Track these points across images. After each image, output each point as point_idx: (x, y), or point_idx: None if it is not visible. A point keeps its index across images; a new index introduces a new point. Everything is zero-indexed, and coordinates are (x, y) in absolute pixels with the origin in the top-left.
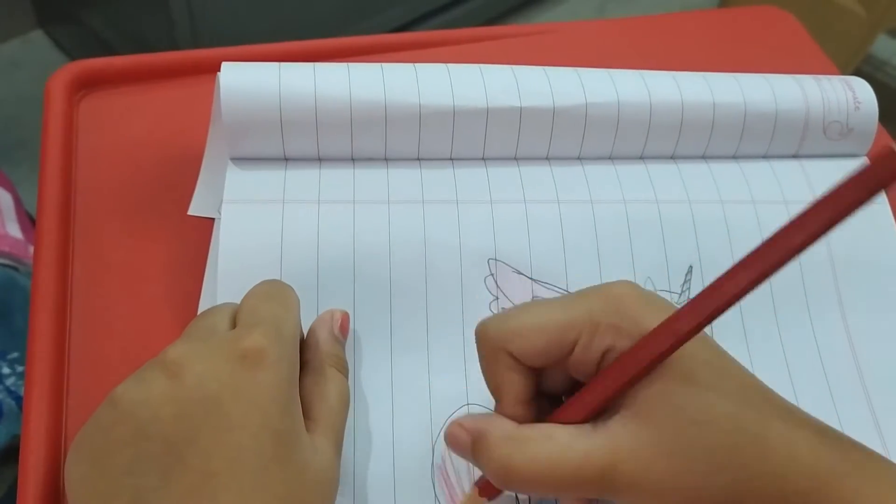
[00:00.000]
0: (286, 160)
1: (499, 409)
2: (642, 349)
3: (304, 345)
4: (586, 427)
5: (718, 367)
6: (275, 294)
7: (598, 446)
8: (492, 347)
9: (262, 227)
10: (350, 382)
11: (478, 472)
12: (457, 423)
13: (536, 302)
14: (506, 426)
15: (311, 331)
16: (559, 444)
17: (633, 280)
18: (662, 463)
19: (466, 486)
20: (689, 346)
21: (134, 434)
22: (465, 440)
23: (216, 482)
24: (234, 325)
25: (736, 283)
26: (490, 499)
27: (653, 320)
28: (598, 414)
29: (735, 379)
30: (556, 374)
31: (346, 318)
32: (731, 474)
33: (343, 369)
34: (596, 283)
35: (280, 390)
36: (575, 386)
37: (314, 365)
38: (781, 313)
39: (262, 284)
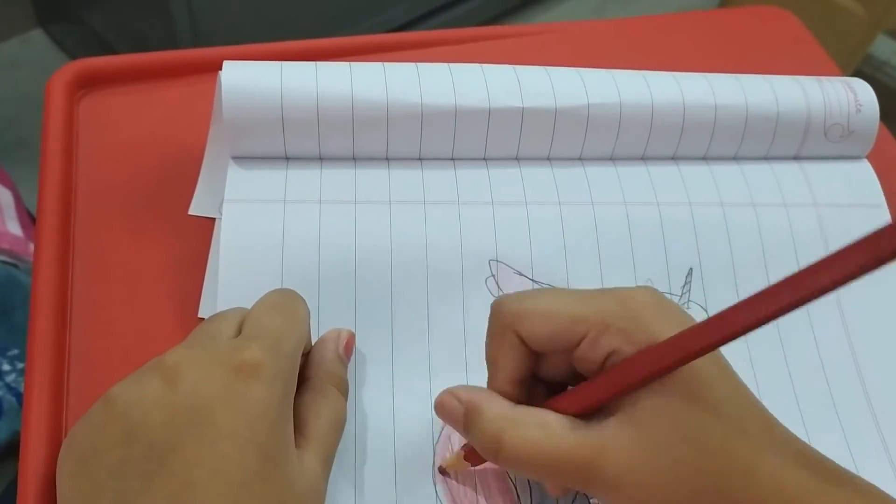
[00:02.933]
0: (287, 159)
1: (491, 383)
2: (649, 358)
3: (307, 361)
4: (579, 421)
5: (723, 390)
6: (283, 306)
7: (587, 442)
8: (502, 323)
9: (264, 226)
10: (351, 383)
11: (477, 471)
12: (450, 393)
13: (555, 290)
14: (501, 404)
15: (315, 347)
16: (550, 432)
17: (633, 281)
18: (646, 474)
19: (467, 486)
20: (698, 363)
21: (123, 436)
22: (458, 410)
23: (196, 492)
24: (239, 332)
25: (754, 312)
26: (474, 465)
27: (665, 331)
28: (593, 412)
29: (737, 403)
30: (557, 361)
31: (352, 338)
32: (712, 498)
33: (343, 390)
34: (597, 285)
35: (271, 406)
36: (572, 376)
37: (314, 382)
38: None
39: (273, 294)
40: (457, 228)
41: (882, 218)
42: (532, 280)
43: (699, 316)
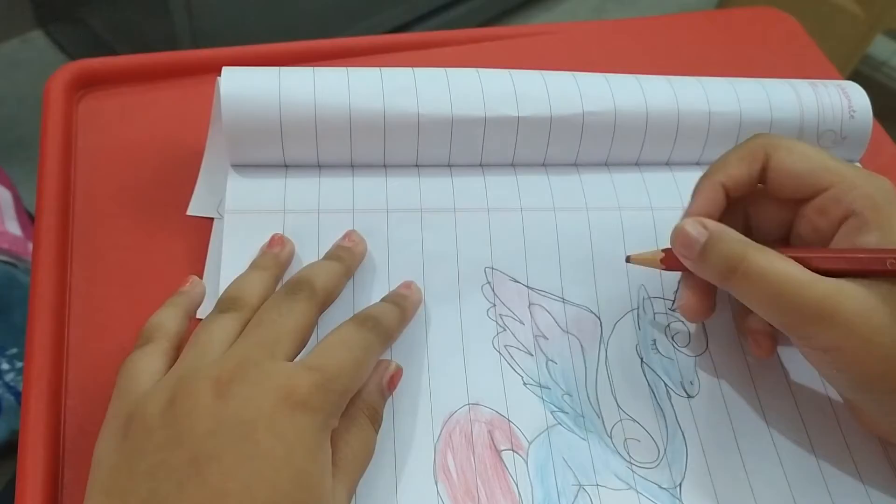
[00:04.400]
0: (286, 167)
1: (702, 181)
2: (890, 254)
3: None
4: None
5: None
6: (355, 345)
7: (828, 281)
8: (759, 144)
9: (264, 236)
10: None
11: (479, 467)
12: (695, 219)
13: (811, 144)
14: (742, 236)
15: None
16: (793, 264)
17: (626, 290)
18: (887, 319)
19: (469, 482)
20: None
21: (168, 440)
22: (701, 234)
23: (226, 502)
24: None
25: None
26: (666, 268)
27: None
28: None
29: None
30: (774, 215)
31: (398, 373)
32: None
33: (376, 422)
34: (591, 291)
35: (310, 434)
36: (779, 238)
37: (350, 410)
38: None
39: (353, 328)
40: (453, 236)
41: None
42: (527, 287)
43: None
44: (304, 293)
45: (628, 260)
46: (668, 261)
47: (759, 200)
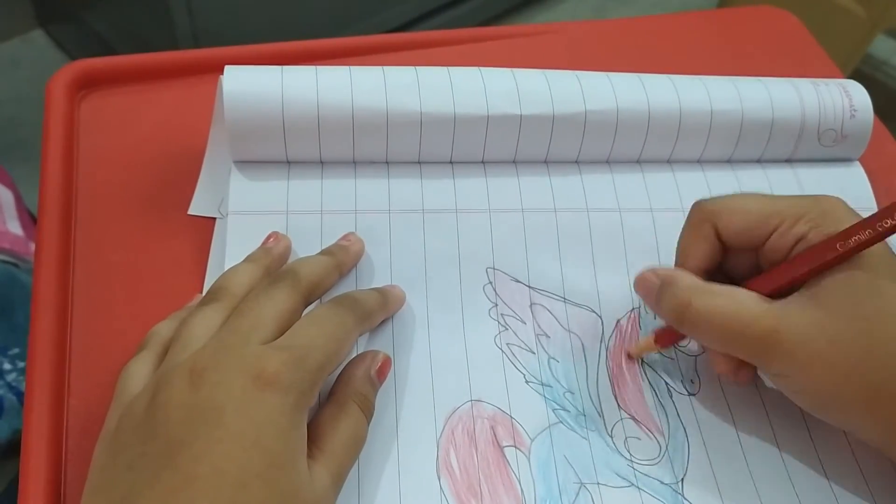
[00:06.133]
0: (289, 164)
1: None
2: (837, 239)
3: (339, 377)
4: (765, 298)
5: None
6: (324, 320)
7: (770, 312)
8: (700, 217)
9: None
10: None
11: (481, 463)
12: (650, 270)
13: (751, 192)
14: (693, 278)
15: (348, 364)
16: (738, 301)
17: (627, 289)
18: (823, 344)
19: (471, 478)
20: (875, 248)
21: (148, 434)
22: (655, 283)
23: (197, 487)
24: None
25: None
26: (663, 347)
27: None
28: (780, 294)
29: None
30: (742, 260)
31: (387, 362)
32: (889, 373)
33: (367, 410)
34: (592, 292)
35: (280, 413)
36: (754, 275)
37: (338, 398)
38: None
39: (325, 305)
40: (455, 237)
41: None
42: (529, 287)
43: None
44: (287, 281)
45: (629, 356)
46: (661, 338)
47: (727, 254)
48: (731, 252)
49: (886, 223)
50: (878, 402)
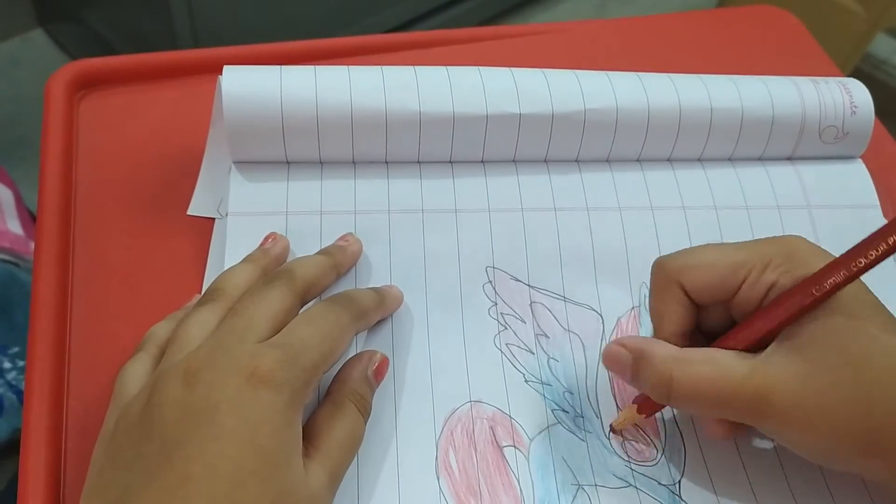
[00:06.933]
0: (288, 164)
1: (658, 337)
2: (812, 283)
3: (336, 377)
4: (745, 354)
5: (876, 306)
6: (319, 319)
7: (756, 372)
8: (666, 279)
9: None
10: None
11: (481, 463)
12: (618, 343)
13: (711, 245)
14: (668, 348)
15: (345, 364)
16: (720, 365)
17: (627, 287)
18: (813, 400)
19: (471, 478)
20: (849, 288)
21: (145, 434)
22: (626, 358)
23: (192, 486)
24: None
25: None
26: (647, 416)
27: (820, 265)
28: (759, 345)
29: (891, 316)
30: (716, 314)
31: (385, 362)
32: (883, 419)
33: (364, 410)
34: (592, 290)
35: (274, 411)
36: (730, 328)
37: (335, 397)
38: None
39: (320, 304)
40: (454, 236)
41: (876, 219)
42: (528, 286)
43: None
44: (281, 280)
45: (612, 429)
46: (644, 407)
47: (701, 309)
48: (702, 308)
49: (860, 262)
50: (878, 446)
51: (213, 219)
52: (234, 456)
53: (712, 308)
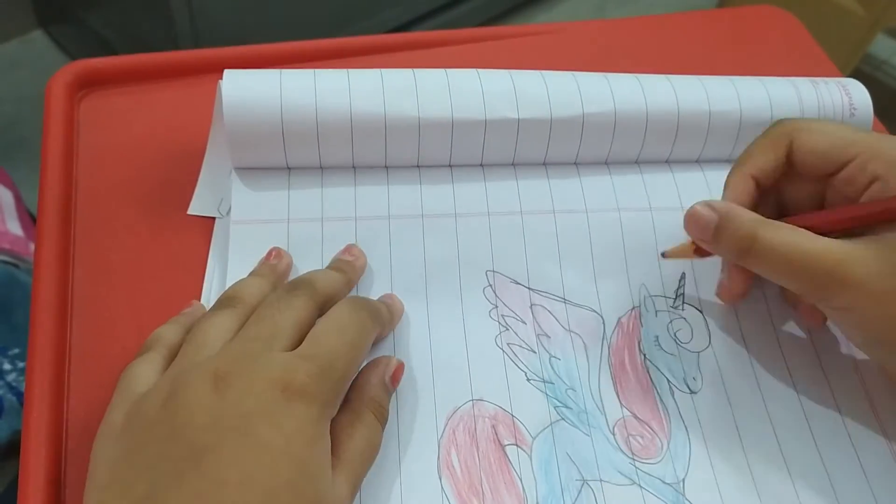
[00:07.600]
0: (289, 171)
1: (736, 170)
2: None
3: (354, 384)
4: (827, 238)
5: None
6: (348, 328)
7: (837, 246)
8: (781, 131)
9: (269, 246)
10: None
11: (483, 463)
12: (705, 203)
13: (833, 121)
14: (754, 213)
15: (362, 371)
16: (803, 235)
17: (627, 288)
18: (890, 280)
19: (473, 477)
20: None
21: (169, 434)
22: (711, 217)
23: (225, 492)
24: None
25: None
26: (700, 257)
27: None
28: (843, 235)
29: None
30: (804, 190)
31: (400, 368)
32: None
33: (381, 418)
34: (591, 292)
35: (308, 423)
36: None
37: (354, 405)
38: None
39: (346, 309)
40: (454, 241)
41: None
42: (528, 288)
43: (696, 318)
44: (304, 290)
45: (664, 255)
46: (701, 249)
47: (791, 179)
48: (794, 181)
49: None
50: None
51: (214, 218)
52: (270, 466)
53: (804, 183)
